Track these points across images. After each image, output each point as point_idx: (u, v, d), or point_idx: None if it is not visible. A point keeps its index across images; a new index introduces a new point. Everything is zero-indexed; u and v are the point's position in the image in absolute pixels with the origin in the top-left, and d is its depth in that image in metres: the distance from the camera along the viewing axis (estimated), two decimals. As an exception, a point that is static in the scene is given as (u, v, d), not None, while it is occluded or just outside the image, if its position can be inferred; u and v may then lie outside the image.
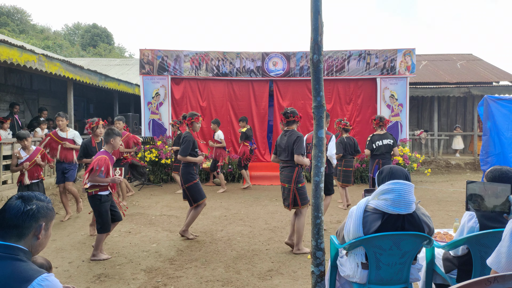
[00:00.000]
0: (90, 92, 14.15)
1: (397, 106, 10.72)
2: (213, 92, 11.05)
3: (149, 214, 6.66)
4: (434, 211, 6.84)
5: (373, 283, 2.55)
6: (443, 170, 12.58)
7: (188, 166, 5.21)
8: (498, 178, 2.51)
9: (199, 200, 5.19)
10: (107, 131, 4.57)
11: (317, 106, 2.62)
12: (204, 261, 4.38)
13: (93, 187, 4.36)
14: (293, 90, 11.08)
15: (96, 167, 4.23)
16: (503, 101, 6.18)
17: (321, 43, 2.58)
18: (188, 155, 5.15)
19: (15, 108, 8.96)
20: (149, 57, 10.77)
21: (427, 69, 15.97)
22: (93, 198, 4.38)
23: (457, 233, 2.66)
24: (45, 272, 1.51)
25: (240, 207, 7.23)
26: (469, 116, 14.93)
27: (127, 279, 3.88)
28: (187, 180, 5.16)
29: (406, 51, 10.71)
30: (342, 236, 2.68)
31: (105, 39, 38.90)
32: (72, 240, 5.20)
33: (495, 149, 6.18)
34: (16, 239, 1.57)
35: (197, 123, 5.32)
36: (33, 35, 33.37)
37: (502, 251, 1.71)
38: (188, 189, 5.16)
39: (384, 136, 6.29)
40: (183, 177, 5.19)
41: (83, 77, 9.12)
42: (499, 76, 14.98)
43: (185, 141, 5.15)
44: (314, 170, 2.65)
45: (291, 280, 3.85)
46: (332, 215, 6.55)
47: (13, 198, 1.65)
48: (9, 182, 7.11)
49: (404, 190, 2.45)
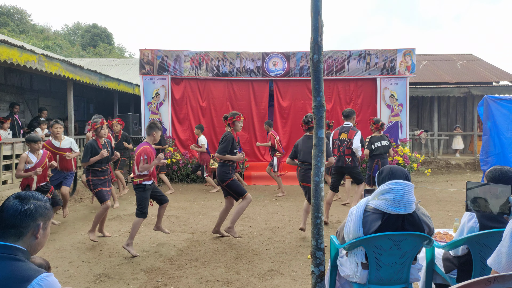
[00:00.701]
0: (90, 92, 14.15)
1: (397, 106, 10.72)
2: (213, 92, 11.05)
3: (149, 214, 6.63)
4: (434, 211, 6.83)
5: (373, 283, 2.55)
6: (443, 170, 12.58)
7: (224, 165, 5.14)
8: (498, 178, 2.51)
9: (243, 193, 5.10)
10: (150, 124, 4.90)
11: (317, 106, 2.62)
12: (204, 261, 4.38)
13: (139, 177, 4.70)
14: (293, 90, 11.08)
15: (144, 157, 4.63)
16: (503, 101, 6.18)
17: (321, 43, 2.58)
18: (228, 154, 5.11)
19: (15, 108, 8.96)
20: (149, 57, 10.77)
21: (427, 69, 15.97)
22: (137, 187, 4.73)
23: (457, 233, 2.66)
24: (44, 272, 1.51)
25: (240, 207, 7.23)
26: (469, 116, 14.93)
27: (127, 279, 3.87)
28: (224, 179, 5.09)
29: (406, 51, 10.70)
30: (342, 236, 2.67)
31: (105, 39, 38.90)
32: (72, 240, 5.20)
33: (495, 149, 6.18)
34: (14, 239, 1.57)
35: (239, 122, 5.26)
36: (33, 35, 33.37)
37: (503, 251, 1.71)
38: (228, 187, 5.10)
39: (381, 138, 6.64)
40: (219, 177, 5.13)
41: (83, 77, 9.12)
42: (499, 76, 14.98)
43: (225, 140, 5.10)
44: (314, 170, 2.64)
45: (291, 280, 3.85)
46: (332, 215, 6.54)
47: (10, 198, 1.64)
48: (9, 182, 7.11)
49: (404, 190, 2.45)
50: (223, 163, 5.15)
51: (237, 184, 5.13)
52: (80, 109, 13.88)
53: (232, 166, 5.21)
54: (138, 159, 4.64)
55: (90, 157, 5.22)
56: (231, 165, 5.18)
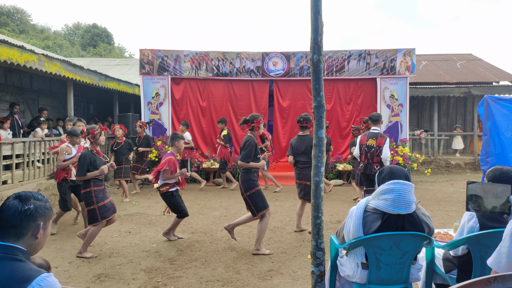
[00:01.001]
0: (90, 92, 14.14)
1: (397, 106, 10.72)
2: (213, 92, 11.05)
3: (149, 214, 6.66)
4: (434, 211, 6.83)
5: (373, 283, 2.55)
6: (443, 170, 12.58)
7: (248, 172, 4.70)
8: (498, 178, 2.51)
9: (263, 209, 4.63)
10: (172, 135, 5.14)
11: (317, 106, 2.62)
12: (204, 261, 4.38)
13: (164, 186, 4.96)
14: (293, 90, 11.07)
15: (166, 167, 4.84)
16: (503, 101, 6.17)
17: (321, 43, 2.58)
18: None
19: (15, 108, 8.95)
20: (149, 57, 10.77)
21: (427, 69, 15.97)
22: (165, 195, 5.02)
23: (457, 233, 2.66)
24: (44, 272, 1.50)
25: (240, 207, 7.23)
26: (469, 116, 14.93)
27: (127, 279, 3.87)
28: (249, 187, 4.63)
29: (406, 51, 10.70)
30: (342, 236, 2.67)
31: (105, 39, 38.89)
32: (72, 240, 5.20)
33: (495, 149, 6.18)
34: (14, 239, 1.56)
35: (261, 124, 4.88)
36: (33, 35, 33.37)
37: (503, 251, 1.71)
38: (250, 197, 4.63)
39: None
40: (243, 185, 4.67)
41: (83, 77, 9.12)
42: (499, 76, 14.98)
43: (248, 146, 4.64)
44: (314, 170, 2.64)
45: (291, 280, 3.85)
46: (332, 215, 6.54)
47: (10, 198, 1.64)
48: (9, 182, 7.11)
49: (404, 190, 2.45)
50: (247, 169, 4.71)
51: (262, 196, 4.68)
52: (80, 109, 13.88)
53: (257, 172, 4.81)
54: (162, 168, 4.88)
55: (88, 170, 4.52)
56: (255, 171, 4.77)
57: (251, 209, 4.68)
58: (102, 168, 4.55)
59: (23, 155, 7.55)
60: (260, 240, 4.65)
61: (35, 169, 7.86)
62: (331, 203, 7.57)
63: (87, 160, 4.51)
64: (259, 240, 4.64)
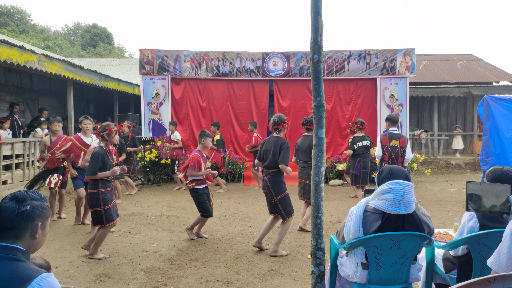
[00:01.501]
0: (90, 92, 14.14)
1: (397, 106, 10.72)
2: (213, 92, 11.05)
3: (149, 214, 6.65)
4: (434, 211, 6.83)
5: (373, 283, 2.55)
6: (443, 170, 12.57)
7: (280, 174, 4.57)
8: (498, 178, 2.51)
9: (291, 213, 4.59)
10: (200, 132, 5.26)
11: (317, 106, 2.62)
12: (204, 261, 4.38)
13: (191, 182, 5.08)
14: (293, 90, 11.08)
15: (191, 164, 4.97)
16: (503, 101, 6.17)
17: (321, 43, 2.58)
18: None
19: (15, 108, 8.96)
20: (149, 57, 10.78)
21: (427, 69, 15.97)
22: (192, 191, 5.13)
23: (457, 233, 2.66)
24: (44, 272, 1.50)
25: (240, 207, 7.23)
26: (469, 116, 14.93)
27: (127, 279, 3.87)
28: (281, 191, 4.51)
29: (406, 51, 10.71)
30: (342, 236, 2.67)
31: (105, 39, 38.91)
32: (72, 240, 5.20)
33: (495, 149, 6.17)
34: (13, 240, 1.55)
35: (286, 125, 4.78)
36: (33, 35, 33.38)
37: (503, 251, 1.71)
38: (280, 201, 4.50)
39: (363, 138, 6.92)
40: (274, 188, 4.51)
41: (83, 77, 9.12)
42: (499, 76, 14.98)
43: (287, 147, 4.49)
44: (314, 170, 2.64)
45: (291, 280, 3.85)
46: (332, 215, 6.54)
47: (6, 199, 1.60)
48: (9, 182, 7.11)
49: (404, 190, 2.45)
50: (278, 172, 4.54)
51: (289, 199, 4.61)
52: (80, 109, 13.88)
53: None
54: (187, 164, 5.01)
55: (99, 169, 4.32)
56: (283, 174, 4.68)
57: (281, 214, 4.55)
58: (115, 169, 4.42)
59: (23, 155, 7.55)
60: (279, 243, 4.56)
61: (35, 169, 7.86)
62: (331, 203, 7.58)
63: (99, 159, 4.31)
64: (278, 242, 4.55)
